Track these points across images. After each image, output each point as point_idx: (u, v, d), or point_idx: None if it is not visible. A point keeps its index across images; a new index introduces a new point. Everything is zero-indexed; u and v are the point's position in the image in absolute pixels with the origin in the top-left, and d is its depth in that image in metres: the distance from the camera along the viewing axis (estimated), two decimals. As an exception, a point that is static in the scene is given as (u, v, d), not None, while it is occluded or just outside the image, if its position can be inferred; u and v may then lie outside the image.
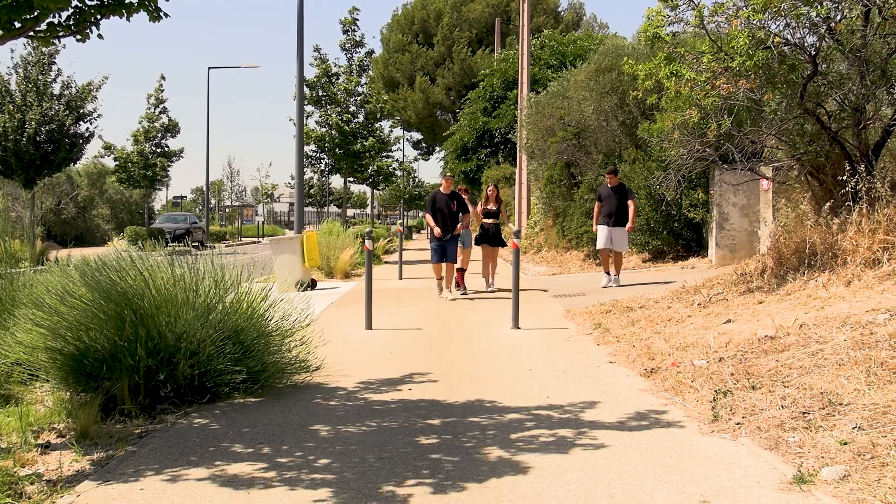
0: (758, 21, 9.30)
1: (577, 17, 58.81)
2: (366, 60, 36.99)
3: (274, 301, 7.73)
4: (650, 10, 10.27)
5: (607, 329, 9.99)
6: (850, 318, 7.14)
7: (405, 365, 8.30)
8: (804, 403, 5.57)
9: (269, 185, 76.33)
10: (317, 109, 35.20)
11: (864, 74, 9.52)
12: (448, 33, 54.06)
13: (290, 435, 5.81)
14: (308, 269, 16.94)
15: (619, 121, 19.36)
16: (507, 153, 33.59)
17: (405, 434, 5.74)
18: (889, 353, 5.99)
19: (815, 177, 10.64)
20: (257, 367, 7.04)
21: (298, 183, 20.47)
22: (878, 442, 4.65)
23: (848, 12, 9.46)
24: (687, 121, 10.46)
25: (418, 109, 54.59)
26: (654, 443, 5.40)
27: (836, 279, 8.71)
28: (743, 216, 15.66)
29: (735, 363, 6.87)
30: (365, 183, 41.42)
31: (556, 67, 30.86)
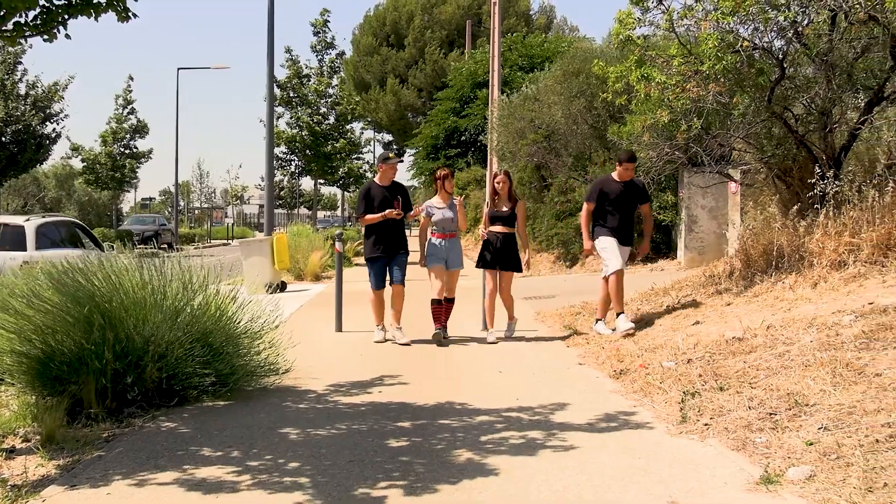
0: (727, 24, 9.37)
1: (549, 19, 59.06)
2: (337, 62, 36.97)
3: (243, 303, 7.69)
4: (621, 12, 10.32)
5: (577, 331, 10.04)
6: (816, 320, 7.22)
7: (375, 367, 8.29)
8: (771, 404, 5.62)
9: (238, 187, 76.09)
10: (287, 111, 35.15)
11: (831, 78, 9.62)
12: (419, 35, 54.10)
13: (260, 438, 5.78)
14: (278, 272, 16.87)
15: (588, 124, 19.43)
16: (477, 155, 33.65)
17: (375, 436, 5.73)
18: (854, 354, 6.06)
19: (782, 180, 10.74)
20: (226, 370, 7.00)
21: (268, 184, 20.37)
22: (844, 442, 4.70)
23: (815, 17, 9.55)
24: (656, 123, 10.52)
25: (389, 111, 54.57)
26: (623, 444, 5.42)
27: (802, 281, 8.80)
28: (711, 218, 15.78)
29: (703, 364, 6.92)
30: (336, 185, 41.41)
31: (527, 69, 30.95)
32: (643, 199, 10.12)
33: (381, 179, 10.12)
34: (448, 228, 9.89)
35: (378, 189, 10.05)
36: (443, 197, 10.02)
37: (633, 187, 9.97)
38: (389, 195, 9.98)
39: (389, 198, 9.95)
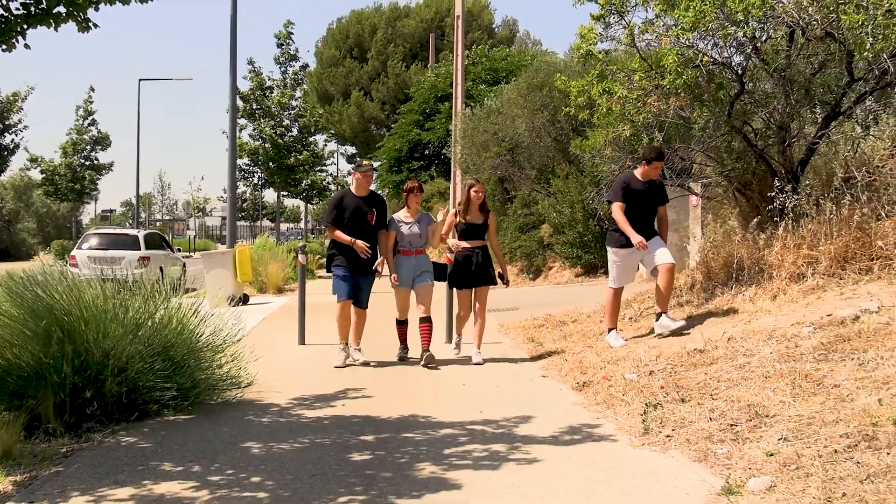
0: (687, 40, 9.48)
1: (511, 33, 59.35)
2: (300, 74, 36.91)
3: (205, 316, 7.63)
4: (582, 27, 10.41)
5: (540, 343, 10.07)
6: (776, 332, 7.30)
7: (339, 380, 8.26)
8: (732, 416, 5.67)
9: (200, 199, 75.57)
10: (250, 122, 35.02)
11: (789, 93, 9.76)
12: (382, 48, 54.11)
13: (222, 452, 5.73)
14: (240, 284, 16.78)
15: (551, 137, 19.56)
16: (440, 167, 33.69)
17: (338, 450, 5.70)
18: (813, 366, 6.14)
19: (742, 193, 10.86)
20: (188, 384, 6.94)
21: (231, 196, 20.28)
22: (803, 453, 4.76)
23: (773, 32, 9.70)
24: (618, 137, 10.61)
25: (353, 123, 54.47)
26: (586, 457, 5.44)
27: (762, 293, 8.90)
28: (673, 231, 15.85)
29: (665, 376, 6.97)
30: (299, 197, 41.24)
31: (490, 83, 31.08)
32: (663, 199, 9.41)
33: (356, 189, 9.31)
34: (415, 244, 9.25)
35: (352, 199, 9.22)
36: (410, 211, 9.34)
37: (655, 187, 9.27)
38: (363, 207, 9.16)
39: (363, 210, 9.13)
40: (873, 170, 9.06)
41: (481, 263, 9.22)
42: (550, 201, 18.45)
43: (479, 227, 9.30)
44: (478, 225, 9.29)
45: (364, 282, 9.22)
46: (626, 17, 10.13)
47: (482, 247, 9.30)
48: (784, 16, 9.06)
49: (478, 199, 9.31)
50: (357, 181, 9.35)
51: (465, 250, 9.22)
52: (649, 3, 9.80)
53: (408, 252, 9.24)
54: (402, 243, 9.26)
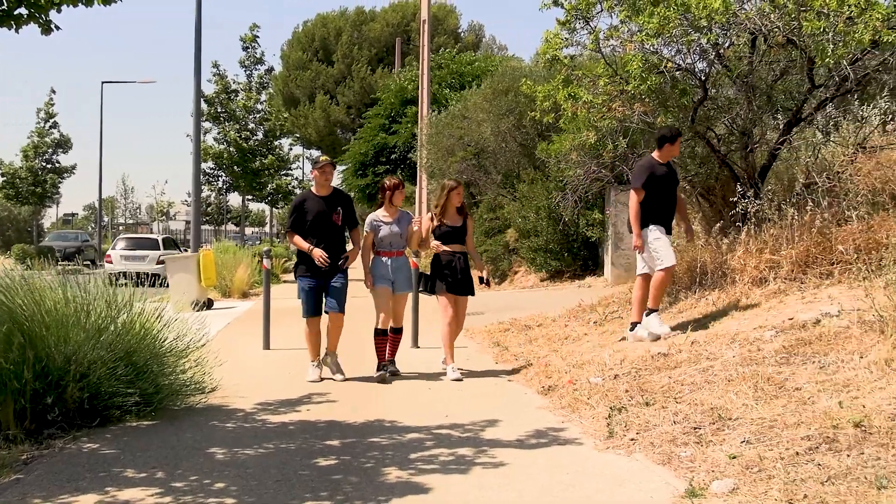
0: (651, 46, 9.57)
1: (477, 38, 59.49)
2: (266, 77, 36.74)
3: (168, 321, 7.57)
4: (548, 32, 10.47)
5: (506, 347, 10.09)
6: (738, 335, 7.37)
7: (304, 385, 8.22)
8: (695, 419, 5.72)
9: (164, 203, 74.95)
10: (215, 126, 34.79)
11: (751, 100, 9.88)
12: (348, 52, 54.01)
13: (185, 458, 5.68)
14: (204, 289, 16.64)
15: (517, 142, 19.61)
16: (406, 172, 33.66)
17: (304, 455, 5.68)
18: (775, 369, 6.21)
19: (705, 198, 10.98)
20: (151, 389, 6.87)
21: (195, 200, 20.14)
22: (765, 455, 4.81)
23: (736, 39, 9.81)
24: (584, 142, 10.68)
25: (319, 127, 54.29)
26: (552, 460, 5.46)
27: (725, 297, 8.99)
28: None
29: (630, 380, 7.02)
30: (264, 201, 41.02)
31: (456, 87, 31.12)
32: (677, 181, 9.03)
33: (317, 188, 8.60)
34: (396, 245, 8.68)
35: (314, 200, 8.52)
36: (390, 210, 8.73)
37: (672, 170, 8.94)
38: (327, 207, 8.47)
39: (327, 210, 8.44)
40: (833, 175, 9.18)
41: (464, 270, 8.69)
42: (516, 206, 18.48)
43: (457, 231, 8.75)
44: (456, 228, 8.74)
45: (335, 284, 8.43)
46: (591, 23, 10.21)
47: (462, 252, 8.75)
48: (747, 22, 9.18)
49: (458, 202, 8.77)
50: (316, 179, 8.62)
51: (447, 254, 8.66)
52: (614, 8, 9.88)
53: (387, 253, 8.67)
54: (382, 245, 8.68)
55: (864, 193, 8.79)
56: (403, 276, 8.75)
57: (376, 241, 8.70)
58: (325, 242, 8.41)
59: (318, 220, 8.46)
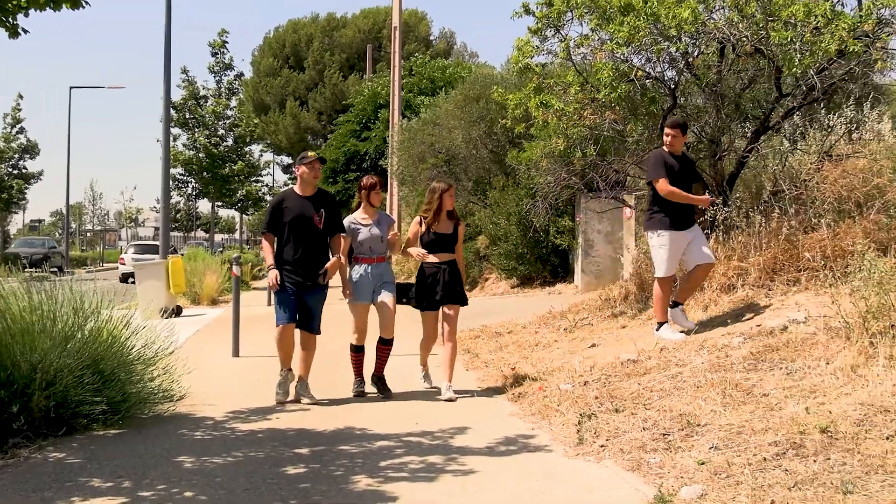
0: (621, 54, 9.63)
1: (449, 45, 59.65)
2: (235, 83, 36.56)
3: (136, 328, 7.50)
4: (519, 40, 10.52)
5: (476, 354, 10.09)
6: (707, 342, 7.43)
7: (274, 393, 8.16)
8: (664, 425, 5.74)
9: (133, 209, 74.40)
10: (184, 132, 34.59)
11: (720, 108, 9.97)
12: (319, 58, 53.96)
13: (153, 467, 5.62)
14: (173, 296, 16.52)
15: (488, 149, 19.67)
16: (378, 179, 33.65)
17: (273, 464, 5.64)
18: (743, 375, 6.25)
19: (675, 205, 11.03)
20: (118, 398, 6.80)
21: (164, 207, 19.97)
22: (734, 461, 4.84)
23: (705, 48, 9.90)
24: (554, 149, 10.73)
25: (289, 134, 54.17)
26: (522, 467, 5.46)
27: (694, 304, 9.04)
28: (607, 243, 16.09)
29: (599, 387, 7.04)
30: (234, 207, 40.82)
31: (428, 93, 31.15)
32: (698, 177, 8.78)
33: (300, 187, 7.82)
34: (376, 250, 7.95)
35: (295, 200, 7.75)
36: (368, 211, 8.03)
37: (688, 164, 8.53)
38: (309, 209, 7.69)
39: (309, 213, 7.68)
40: (800, 183, 9.28)
41: (449, 281, 7.88)
42: (487, 213, 18.53)
43: (447, 238, 7.96)
44: (447, 235, 7.95)
45: (313, 300, 7.73)
46: (561, 31, 10.26)
47: (451, 261, 7.97)
48: (715, 32, 9.26)
49: (450, 205, 8.02)
50: (302, 176, 7.79)
51: (432, 265, 7.91)
52: (584, 17, 9.94)
53: (367, 259, 7.93)
54: (361, 249, 7.94)
55: (830, 201, 8.89)
56: (386, 283, 7.96)
57: (354, 245, 7.94)
58: (305, 248, 7.63)
59: (297, 222, 7.65)
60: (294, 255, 7.64)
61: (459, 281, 8.00)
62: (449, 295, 7.88)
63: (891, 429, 4.78)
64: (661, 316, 8.32)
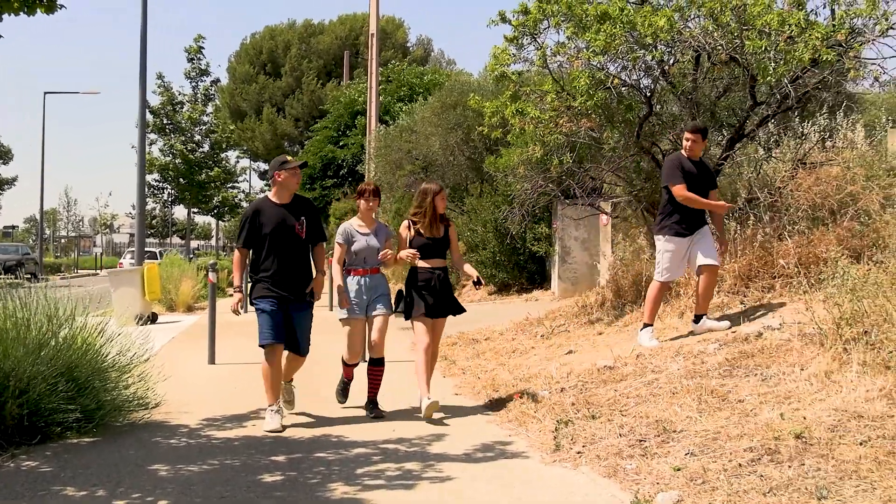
0: (598, 62, 9.68)
1: (426, 52, 59.72)
2: (211, 89, 36.46)
3: (111, 336, 7.45)
4: (496, 48, 10.55)
5: (453, 361, 10.09)
6: (683, 348, 7.47)
7: (250, 400, 8.12)
8: (641, 431, 5.77)
9: (108, 216, 73.87)
10: (160, 138, 34.44)
11: (695, 116, 10.03)
12: (296, 64, 53.90)
13: (128, 475, 5.58)
14: (148, 303, 16.41)
15: (465, 156, 19.71)
16: (354, 185, 33.61)
17: (248, 472, 5.61)
18: (718, 382, 6.29)
19: (650, 212, 11.10)
20: (92, 405, 6.75)
21: (139, 213, 19.86)
22: (709, 467, 4.86)
23: (680, 56, 9.97)
24: (531, 156, 10.76)
25: (266, 140, 54.04)
26: (499, 474, 5.46)
27: (670, 310, 9.09)
28: (584, 250, 16.14)
29: (576, 393, 7.06)
30: (210, 214, 40.64)
31: (405, 100, 31.18)
32: (713, 183, 8.50)
33: (277, 195, 7.07)
34: (371, 262, 7.33)
35: (272, 209, 7.00)
36: (366, 220, 7.46)
37: (705, 169, 8.40)
38: (289, 218, 6.99)
39: (289, 222, 6.98)
40: (775, 191, 9.36)
41: (443, 290, 7.42)
42: (464, 220, 18.55)
43: (439, 243, 7.47)
44: (438, 240, 7.46)
45: (300, 317, 7.07)
46: (538, 39, 10.30)
47: (443, 267, 7.50)
48: (691, 40, 9.33)
49: (442, 208, 7.55)
50: (282, 183, 7.05)
51: (425, 271, 7.38)
52: (561, 25, 9.98)
53: (361, 271, 7.33)
54: (355, 260, 7.34)
55: (804, 208, 8.97)
56: (381, 296, 7.35)
57: (348, 255, 7.34)
58: (288, 261, 6.95)
59: (278, 233, 6.91)
60: (277, 269, 6.90)
61: (451, 289, 7.59)
62: (443, 304, 7.41)
63: (864, 434, 4.82)
64: (649, 318, 8.27)
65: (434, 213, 7.42)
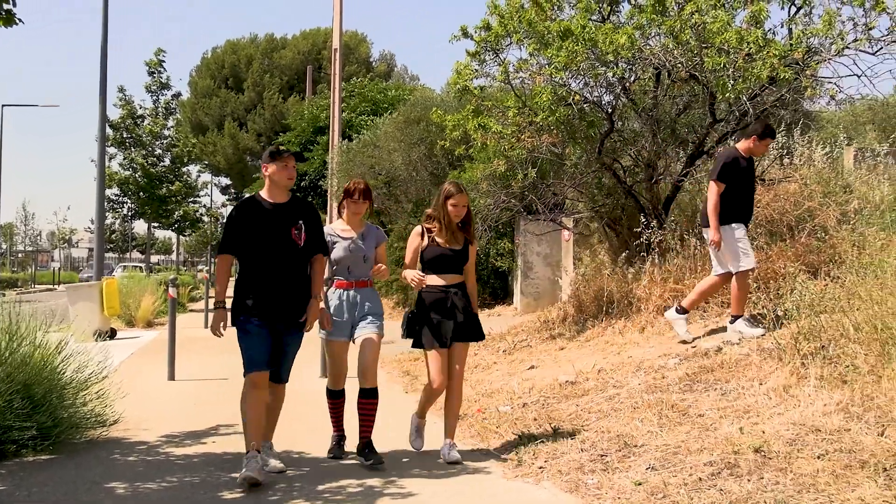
0: (560, 79, 9.75)
1: (389, 67, 59.78)
2: (173, 103, 36.22)
3: (69, 352, 7.35)
4: (458, 63, 10.60)
5: (416, 377, 10.05)
6: (644, 363, 7.51)
7: (210, 416, 8.04)
8: (602, 446, 5.79)
9: (66, 230, 73.06)
10: (121, 151, 34.13)
11: (656, 132, 10.14)
12: (259, 79, 53.69)
13: (85, 493, 5.49)
14: (107, 318, 16.20)
15: (428, 171, 19.73)
16: (317, 200, 33.50)
17: (208, 489, 5.55)
18: (679, 396, 6.34)
19: (612, 228, 11.19)
20: (49, 423, 6.63)
21: (98, 227, 19.64)
22: (669, 481, 4.89)
23: (641, 74, 10.07)
24: (494, 171, 10.80)
25: (227, 155, 53.71)
26: (461, 489, 5.45)
27: (631, 326, 9.15)
28: (546, 265, 16.19)
29: (538, 408, 7.07)
30: (170, 228, 40.30)
31: (368, 115, 31.17)
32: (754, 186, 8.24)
33: (269, 192, 5.83)
34: (357, 272, 6.15)
35: (263, 209, 5.78)
36: (352, 221, 6.29)
37: (753, 166, 8.14)
38: (284, 219, 5.76)
39: (285, 223, 5.75)
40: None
41: (464, 307, 6.14)
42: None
43: (456, 256, 6.14)
44: (456, 252, 6.14)
45: (290, 339, 5.87)
46: (500, 55, 10.36)
47: (459, 284, 6.18)
48: (651, 58, 9.43)
49: (458, 216, 6.17)
50: (273, 178, 5.81)
51: (437, 290, 6.11)
52: (523, 41, 10.05)
53: (346, 283, 6.16)
54: (338, 270, 6.17)
55: (762, 224, 9.08)
56: (370, 315, 6.18)
57: (330, 264, 6.19)
58: (280, 276, 5.71)
59: (269, 238, 5.69)
60: (267, 283, 5.69)
61: (471, 308, 6.23)
62: (462, 326, 6.13)
63: (821, 448, 4.88)
64: (739, 310, 7.74)
65: (450, 219, 6.10)
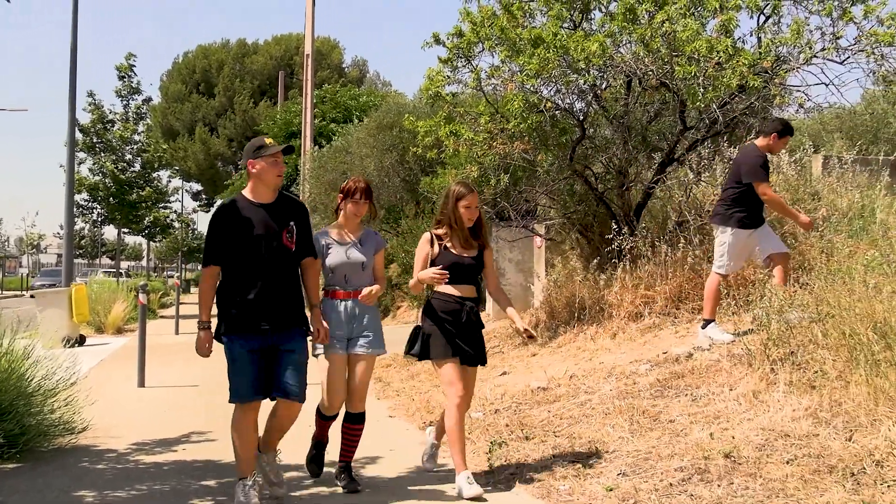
0: (532, 86, 9.78)
1: (361, 73, 59.69)
2: (143, 108, 35.93)
3: (37, 359, 7.26)
4: (431, 69, 10.62)
5: (388, 383, 10.05)
6: (615, 369, 7.54)
7: (181, 424, 7.98)
8: (574, 452, 5.81)
9: (35, 235, 72.28)
10: (90, 156, 33.81)
11: (627, 140, 10.20)
12: (230, 84, 53.43)
13: (53, 502, 5.43)
14: (76, 325, 16.05)
15: (400, 177, 19.73)
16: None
17: (178, 497, 5.51)
18: (650, 402, 6.37)
19: (583, 235, 11.23)
20: (16, 430, 6.55)
21: (67, 233, 19.47)
22: (641, 487, 4.91)
23: (612, 81, 10.13)
24: (467, 177, 10.81)
25: (199, 160, 53.39)
26: (433, 497, 5.44)
27: (603, 332, 9.18)
28: (518, 271, 16.20)
29: (510, 414, 7.08)
30: (141, 234, 39.95)
31: (341, 121, 31.12)
32: None
33: (254, 191, 5.22)
34: (355, 281, 5.56)
35: (251, 210, 5.15)
36: (349, 225, 5.71)
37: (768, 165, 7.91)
38: (271, 222, 5.14)
39: (271, 227, 5.13)
40: (704, 214, 9.53)
41: (475, 326, 5.72)
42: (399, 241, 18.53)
43: (473, 265, 5.67)
44: (473, 260, 5.66)
45: (289, 347, 5.15)
46: (472, 62, 10.38)
47: (474, 299, 5.74)
48: (622, 66, 9.49)
49: (471, 218, 5.66)
50: (258, 176, 5.19)
51: (451, 299, 5.61)
52: (495, 48, 10.08)
53: (342, 294, 5.56)
54: (333, 279, 5.58)
55: (732, 231, 9.13)
56: (368, 328, 5.63)
57: (324, 272, 5.62)
58: (270, 283, 5.09)
59: (259, 245, 5.07)
60: (256, 292, 5.06)
61: (481, 329, 5.81)
62: (472, 347, 5.67)
63: (791, 453, 4.92)
64: (710, 314, 7.75)
65: (463, 223, 5.60)
